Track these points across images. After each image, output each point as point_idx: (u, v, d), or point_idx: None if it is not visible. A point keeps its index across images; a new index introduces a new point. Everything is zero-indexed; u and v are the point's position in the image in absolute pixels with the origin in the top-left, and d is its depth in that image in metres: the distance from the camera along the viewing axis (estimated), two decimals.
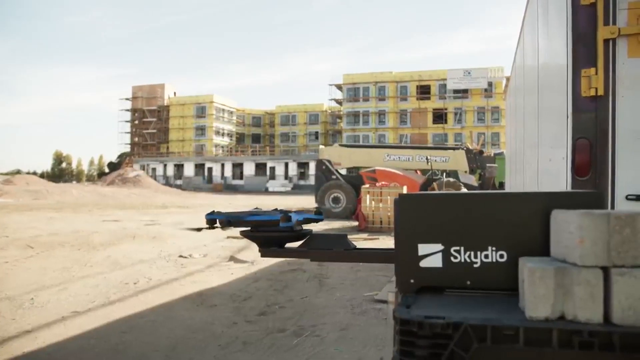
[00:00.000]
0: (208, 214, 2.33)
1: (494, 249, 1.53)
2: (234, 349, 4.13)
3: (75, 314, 5.14)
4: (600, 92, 2.88)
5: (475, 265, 1.54)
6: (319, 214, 2.46)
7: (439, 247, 1.56)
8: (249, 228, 2.30)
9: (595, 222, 1.27)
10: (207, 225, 2.35)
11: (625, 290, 1.23)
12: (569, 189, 2.95)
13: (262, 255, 2.29)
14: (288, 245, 2.30)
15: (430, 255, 1.56)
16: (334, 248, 2.18)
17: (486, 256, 1.53)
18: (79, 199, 30.66)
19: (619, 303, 1.22)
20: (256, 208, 2.40)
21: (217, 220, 2.32)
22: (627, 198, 2.89)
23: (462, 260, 1.55)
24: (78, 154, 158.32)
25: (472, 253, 1.54)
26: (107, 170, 78.68)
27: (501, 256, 1.53)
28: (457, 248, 1.55)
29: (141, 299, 5.86)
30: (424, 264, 1.57)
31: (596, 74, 2.88)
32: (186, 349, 4.15)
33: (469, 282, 1.55)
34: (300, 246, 2.24)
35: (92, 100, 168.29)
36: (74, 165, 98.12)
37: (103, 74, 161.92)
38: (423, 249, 1.57)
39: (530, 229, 1.52)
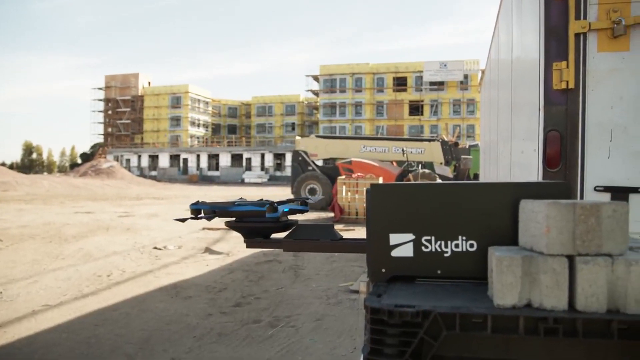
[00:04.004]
0: (192, 204, 2.29)
1: (464, 238, 1.55)
2: (208, 341, 4.12)
3: (46, 308, 5.06)
4: (571, 85, 2.93)
5: (445, 255, 1.56)
6: (305, 205, 2.44)
7: (410, 236, 1.57)
8: (233, 219, 2.26)
9: (562, 211, 1.30)
10: (192, 216, 2.31)
11: (589, 277, 1.26)
12: (541, 180, 3.00)
13: (248, 246, 2.26)
14: (273, 235, 2.27)
15: (402, 245, 1.57)
16: (320, 239, 2.17)
17: (456, 245, 1.55)
18: (50, 191, 30.06)
19: (583, 290, 1.26)
20: (241, 199, 2.38)
21: (202, 210, 2.28)
22: (595, 189, 2.95)
23: (433, 249, 1.56)
24: (49, 145, 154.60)
25: (443, 242, 1.56)
26: (79, 161, 77.23)
27: (471, 245, 1.55)
28: (428, 238, 1.56)
29: (114, 291, 5.79)
30: (395, 253, 1.58)
31: (567, 67, 2.93)
32: (160, 340, 4.12)
33: (439, 271, 1.57)
34: (286, 237, 2.22)
35: (63, 90, 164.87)
36: (44, 156, 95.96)
37: (74, 62, 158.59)
38: (394, 238, 1.58)
39: (499, 219, 1.54)
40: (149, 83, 72.17)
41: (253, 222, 2.20)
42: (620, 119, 2.91)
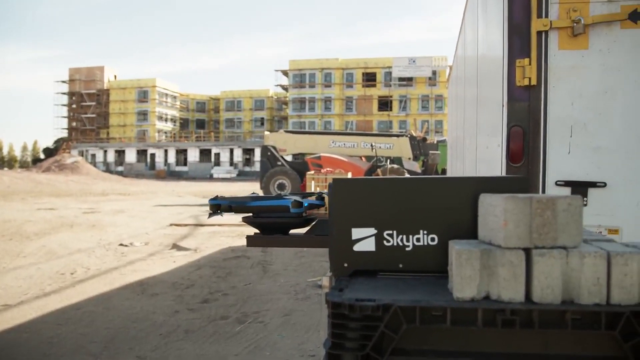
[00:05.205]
0: (212, 199, 2.24)
1: (425, 232, 1.57)
2: (175, 338, 4.07)
3: (5, 307, 4.91)
4: (534, 82, 2.99)
5: (407, 249, 1.57)
6: (322, 200, 2.40)
7: (372, 231, 1.58)
8: (250, 214, 2.21)
9: (519, 205, 1.32)
10: (211, 211, 2.25)
11: (545, 270, 1.29)
12: (504, 174, 3.06)
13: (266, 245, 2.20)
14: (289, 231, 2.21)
15: (364, 239, 1.58)
16: None
17: (418, 239, 1.57)
18: (11, 187, 29.17)
19: (539, 282, 1.28)
20: (253, 193, 2.35)
21: (221, 205, 2.23)
22: (556, 184, 3.03)
23: (395, 243, 1.57)
24: (9, 139, 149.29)
25: (404, 237, 1.57)
26: (42, 156, 75.09)
27: (432, 239, 1.57)
28: (390, 232, 1.57)
29: (78, 289, 5.66)
30: (357, 247, 1.58)
31: (530, 64, 2.99)
32: (126, 339, 4.05)
33: (401, 265, 1.58)
34: (307, 232, 2.17)
35: (25, 83, 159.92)
36: (5, 151, 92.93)
37: (35, 54, 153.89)
38: (356, 233, 1.58)
39: (460, 213, 1.56)
40: (115, 76, 70.56)
41: (274, 218, 2.15)
42: (580, 116, 2.99)
